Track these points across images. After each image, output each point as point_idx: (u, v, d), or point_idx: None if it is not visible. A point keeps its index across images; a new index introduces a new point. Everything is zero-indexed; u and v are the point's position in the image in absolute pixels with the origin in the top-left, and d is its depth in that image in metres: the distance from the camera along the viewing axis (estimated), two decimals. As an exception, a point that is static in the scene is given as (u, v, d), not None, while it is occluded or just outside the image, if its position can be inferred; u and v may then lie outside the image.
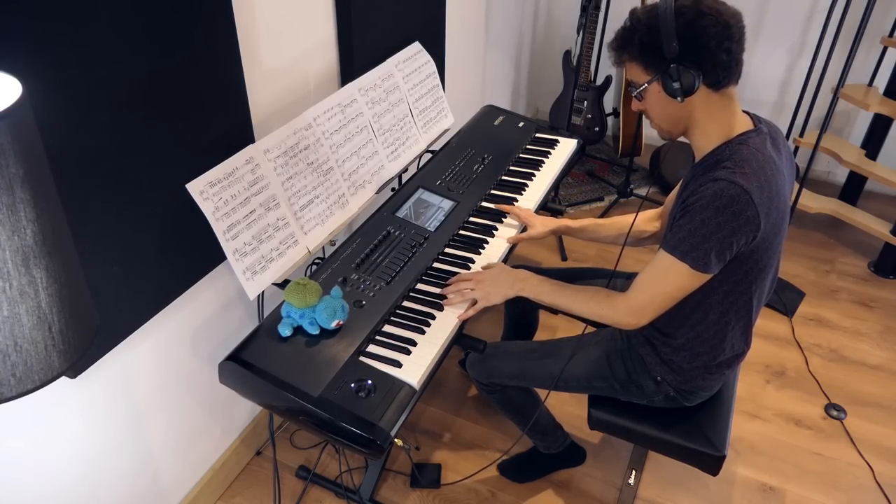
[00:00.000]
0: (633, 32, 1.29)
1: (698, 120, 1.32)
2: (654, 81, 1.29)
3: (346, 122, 1.76)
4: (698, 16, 1.21)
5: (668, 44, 1.22)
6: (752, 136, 1.30)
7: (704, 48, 1.22)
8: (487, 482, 1.97)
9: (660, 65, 1.27)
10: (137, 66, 1.23)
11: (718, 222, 1.23)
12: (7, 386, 0.68)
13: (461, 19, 2.66)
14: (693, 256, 1.27)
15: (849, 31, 2.56)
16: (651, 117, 1.38)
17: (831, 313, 2.64)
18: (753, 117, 1.36)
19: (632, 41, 1.30)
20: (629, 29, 1.30)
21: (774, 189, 1.26)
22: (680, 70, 1.24)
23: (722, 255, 1.27)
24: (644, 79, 1.31)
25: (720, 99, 1.29)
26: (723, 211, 1.22)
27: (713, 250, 1.25)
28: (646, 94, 1.33)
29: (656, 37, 1.24)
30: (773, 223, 1.28)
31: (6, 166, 0.62)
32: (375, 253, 1.66)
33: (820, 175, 3.49)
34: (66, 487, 1.42)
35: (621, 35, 1.32)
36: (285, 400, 1.32)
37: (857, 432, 2.15)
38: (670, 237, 1.30)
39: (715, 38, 1.22)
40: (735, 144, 1.29)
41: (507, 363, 1.69)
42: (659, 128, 1.39)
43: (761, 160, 1.26)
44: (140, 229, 1.33)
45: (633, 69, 1.33)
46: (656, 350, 1.50)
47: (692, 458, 1.56)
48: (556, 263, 2.89)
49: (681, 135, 1.38)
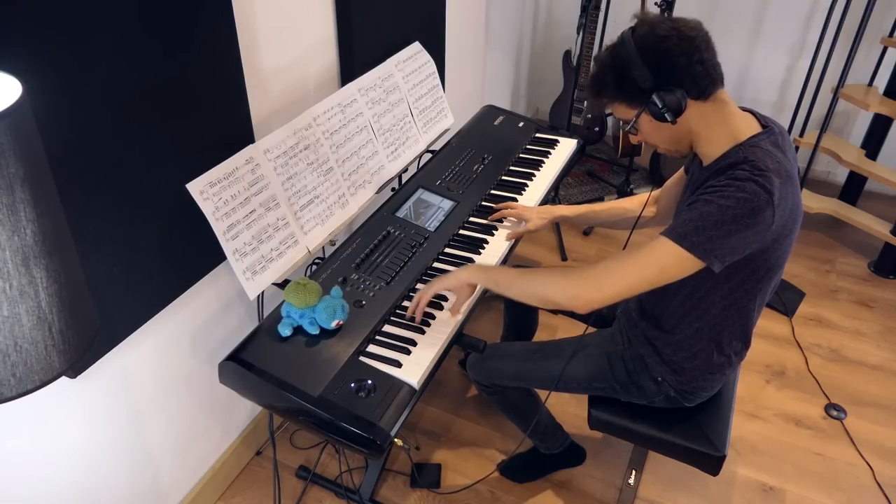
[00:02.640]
0: (602, 77, 1.30)
1: (699, 132, 1.32)
2: (641, 113, 1.30)
3: (346, 122, 1.76)
4: (659, 41, 1.22)
5: (641, 76, 1.24)
6: (763, 137, 1.29)
7: (677, 67, 1.23)
8: (487, 482, 1.97)
9: (640, 97, 1.27)
10: (138, 66, 1.23)
11: (735, 214, 1.20)
12: (7, 386, 0.68)
13: (461, 19, 2.66)
14: (693, 240, 1.22)
15: (849, 31, 2.56)
16: (654, 144, 1.38)
17: (831, 313, 2.64)
18: (759, 117, 1.35)
19: (605, 84, 1.30)
20: (598, 75, 1.31)
21: (790, 191, 1.25)
22: (662, 95, 1.24)
23: (725, 247, 1.21)
24: (631, 114, 1.31)
25: (712, 106, 1.29)
26: (743, 204, 1.19)
27: (717, 240, 1.20)
28: (639, 127, 1.34)
29: (627, 73, 1.25)
30: (784, 224, 1.27)
31: (6, 166, 0.62)
32: (375, 253, 1.66)
33: (820, 175, 3.49)
34: (66, 487, 1.42)
35: (593, 83, 1.33)
36: (285, 400, 1.32)
37: (857, 432, 2.15)
38: (670, 226, 1.27)
39: (683, 55, 1.22)
40: (748, 147, 1.27)
41: (507, 364, 1.69)
42: (666, 150, 1.40)
43: (776, 162, 1.25)
44: (140, 229, 1.33)
45: (618, 108, 1.33)
46: (657, 350, 1.50)
47: (692, 458, 1.56)
48: (556, 263, 2.89)
49: (690, 150, 1.38)
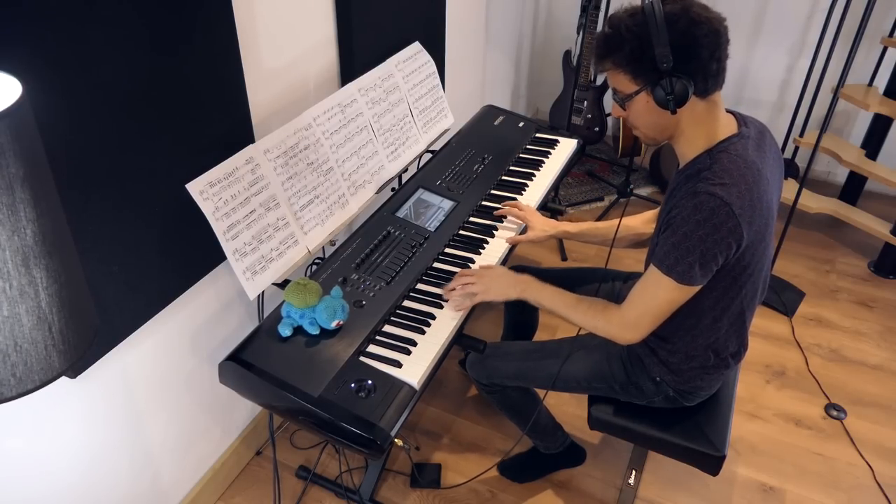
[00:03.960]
0: (619, 40, 1.22)
1: (684, 128, 1.30)
2: (642, 91, 1.25)
3: (346, 122, 1.76)
4: (691, 24, 1.17)
5: (663, 54, 1.17)
6: (733, 141, 1.28)
7: (697, 58, 1.19)
8: (487, 482, 1.97)
9: (650, 75, 1.21)
10: (137, 66, 1.23)
11: (700, 235, 1.22)
12: (7, 386, 0.68)
13: (461, 19, 2.66)
14: (678, 271, 1.26)
15: (849, 31, 2.56)
16: (636, 125, 1.33)
17: (831, 313, 2.64)
18: (739, 117, 1.34)
19: (620, 49, 1.22)
20: (613, 36, 1.23)
21: (756, 195, 1.24)
22: (673, 82, 1.19)
23: (706, 267, 1.26)
24: (632, 88, 1.25)
25: (706, 105, 1.27)
26: (703, 224, 1.21)
27: (696, 263, 1.24)
28: (631, 104, 1.28)
29: (647, 46, 1.18)
30: (756, 230, 1.26)
31: (6, 166, 0.62)
32: (375, 253, 1.66)
33: (820, 175, 3.49)
34: (66, 487, 1.42)
35: (605, 42, 1.25)
36: (285, 400, 1.32)
37: (857, 432, 2.14)
38: (657, 251, 1.30)
39: (708, 48, 1.18)
40: (716, 153, 1.27)
41: (506, 364, 1.69)
42: (644, 135, 1.35)
43: (742, 167, 1.24)
44: (140, 229, 1.33)
45: (619, 78, 1.26)
46: (654, 352, 1.51)
47: (692, 458, 1.56)
48: (556, 263, 2.89)
49: (665, 141, 1.35)
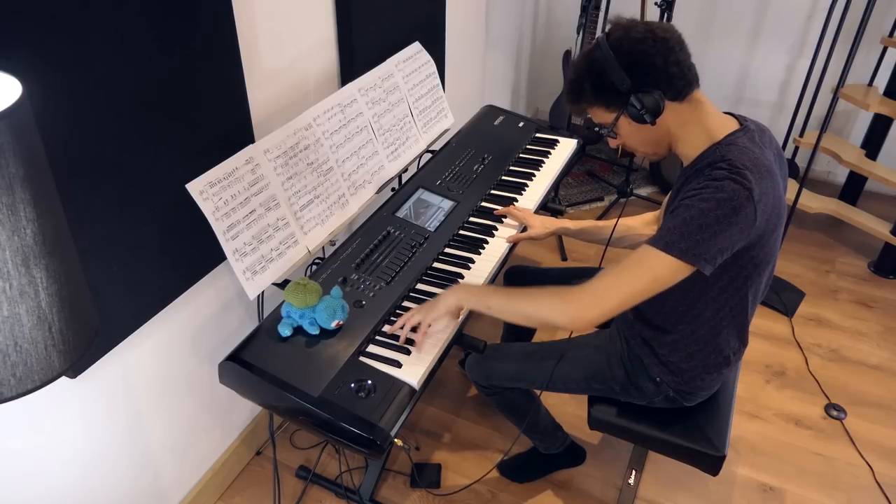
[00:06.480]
0: (580, 82, 1.32)
1: (676, 133, 1.33)
2: (620, 116, 1.32)
3: (346, 122, 1.76)
4: (635, 42, 1.24)
5: (619, 79, 1.25)
6: (739, 135, 1.30)
7: (653, 68, 1.25)
8: (487, 482, 1.97)
9: (619, 100, 1.29)
10: (138, 67, 1.23)
11: (717, 215, 1.19)
12: (7, 386, 0.68)
13: (461, 19, 2.66)
14: (681, 247, 1.21)
15: (849, 31, 2.56)
16: (633, 148, 1.40)
17: (831, 313, 2.64)
18: (738, 117, 1.36)
19: (583, 90, 1.32)
20: (576, 80, 1.33)
21: (770, 185, 1.25)
22: (640, 97, 1.26)
23: (713, 249, 1.21)
24: (610, 117, 1.33)
25: (688, 106, 1.30)
26: (724, 204, 1.19)
27: (705, 242, 1.20)
28: (618, 130, 1.36)
29: (604, 76, 1.27)
30: (768, 220, 1.27)
31: (6, 166, 0.62)
32: (375, 253, 1.66)
33: (820, 175, 3.49)
34: (66, 487, 1.42)
35: (571, 89, 1.35)
36: (285, 400, 1.32)
37: (857, 432, 2.15)
38: (655, 235, 1.27)
39: (659, 56, 1.24)
40: (724, 145, 1.28)
41: (506, 365, 1.69)
42: (644, 154, 1.41)
43: (754, 157, 1.25)
44: (140, 229, 1.33)
45: (597, 112, 1.35)
46: (654, 351, 1.50)
47: (692, 458, 1.56)
48: (556, 263, 2.89)
49: (668, 152, 1.39)
